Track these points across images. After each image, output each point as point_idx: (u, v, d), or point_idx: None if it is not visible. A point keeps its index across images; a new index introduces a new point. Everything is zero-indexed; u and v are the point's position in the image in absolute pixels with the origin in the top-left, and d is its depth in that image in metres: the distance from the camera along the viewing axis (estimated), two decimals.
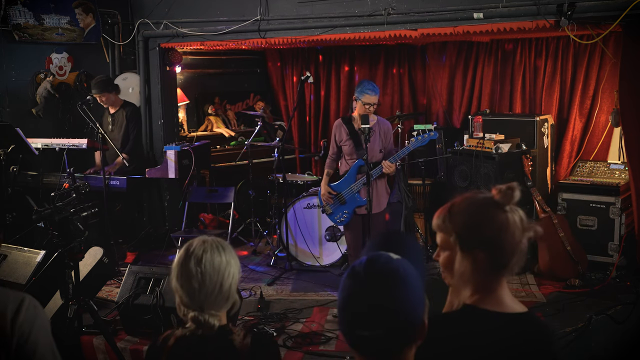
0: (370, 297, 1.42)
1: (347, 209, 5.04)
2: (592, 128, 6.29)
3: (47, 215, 3.55)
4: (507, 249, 1.71)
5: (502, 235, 1.71)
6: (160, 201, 7.05)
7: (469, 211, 1.75)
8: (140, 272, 4.55)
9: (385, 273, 1.45)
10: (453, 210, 1.77)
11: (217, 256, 2.09)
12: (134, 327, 4.47)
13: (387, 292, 1.42)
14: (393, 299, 1.42)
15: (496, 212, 1.72)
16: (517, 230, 1.72)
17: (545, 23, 4.85)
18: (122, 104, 6.56)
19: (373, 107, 4.88)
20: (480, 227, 1.72)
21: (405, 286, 1.44)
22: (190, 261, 2.07)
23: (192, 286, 2.05)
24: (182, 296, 2.08)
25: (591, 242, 5.67)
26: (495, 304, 1.75)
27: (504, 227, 1.71)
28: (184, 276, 2.07)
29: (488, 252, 1.72)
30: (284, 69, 8.20)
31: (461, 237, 1.73)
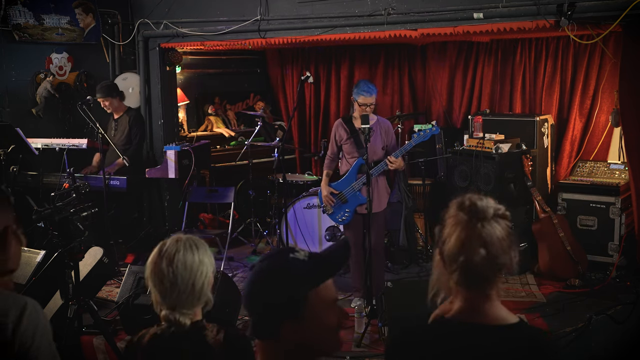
0: (249, 283, 1.54)
1: (349, 208, 5.05)
2: (592, 128, 6.29)
3: (47, 215, 3.55)
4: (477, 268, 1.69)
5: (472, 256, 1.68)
6: (160, 201, 7.05)
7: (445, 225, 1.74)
8: (140, 272, 4.54)
9: (267, 266, 1.54)
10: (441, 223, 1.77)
11: (189, 255, 2.08)
12: (134, 327, 4.44)
13: (257, 281, 1.53)
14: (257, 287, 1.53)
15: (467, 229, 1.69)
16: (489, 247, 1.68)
17: (545, 23, 4.85)
18: (126, 110, 6.56)
19: (370, 107, 4.89)
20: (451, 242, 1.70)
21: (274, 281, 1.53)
22: (162, 261, 2.07)
23: (164, 286, 2.06)
24: (156, 295, 2.09)
25: (591, 242, 5.67)
26: (478, 316, 1.72)
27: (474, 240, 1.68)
28: (156, 276, 2.07)
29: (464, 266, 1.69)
30: (284, 69, 8.20)
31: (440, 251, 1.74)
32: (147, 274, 2.12)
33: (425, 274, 5.89)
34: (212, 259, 2.16)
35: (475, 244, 1.66)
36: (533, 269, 5.76)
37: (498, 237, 1.68)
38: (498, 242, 1.67)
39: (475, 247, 1.66)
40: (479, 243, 1.66)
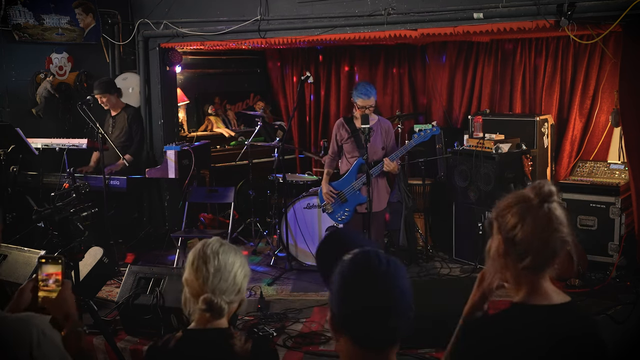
0: (395, 288, 1.51)
1: (349, 207, 5.05)
2: (592, 128, 6.29)
3: (47, 215, 3.55)
4: (550, 249, 1.78)
5: (548, 237, 1.76)
6: (160, 201, 7.05)
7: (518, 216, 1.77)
8: (140, 272, 4.55)
9: (394, 265, 1.54)
10: (500, 215, 1.81)
11: (232, 254, 2.15)
12: (134, 327, 4.47)
13: (405, 282, 1.53)
14: (407, 288, 1.53)
15: (539, 214, 1.75)
16: (561, 228, 1.77)
17: (545, 23, 4.85)
18: (124, 107, 6.56)
19: (369, 109, 4.89)
20: (528, 233, 1.75)
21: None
22: (208, 249, 2.12)
23: (207, 270, 2.08)
24: (194, 284, 2.09)
25: (591, 242, 5.67)
26: (543, 298, 1.79)
27: (547, 229, 1.75)
28: (201, 260, 2.10)
29: (535, 254, 1.76)
30: (284, 69, 8.20)
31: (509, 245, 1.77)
32: (188, 263, 2.14)
33: (425, 274, 5.89)
34: (249, 268, 2.22)
35: (552, 226, 1.75)
36: None
37: (565, 217, 1.79)
38: (566, 221, 1.79)
39: (552, 229, 1.75)
40: (554, 225, 1.76)
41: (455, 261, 6.20)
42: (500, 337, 1.74)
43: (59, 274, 1.93)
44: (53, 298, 1.89)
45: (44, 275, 1.91)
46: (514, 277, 1.79)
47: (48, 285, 1.91)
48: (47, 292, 1.89)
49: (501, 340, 1.73)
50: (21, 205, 5.66)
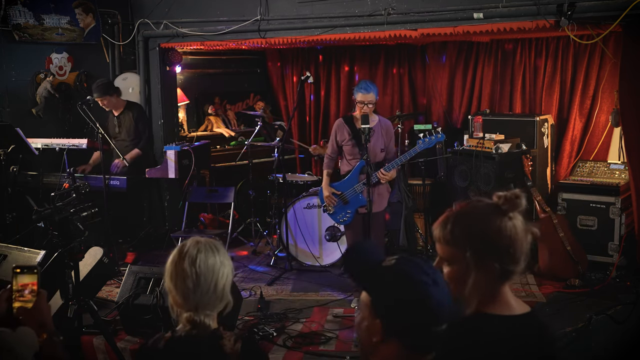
0: (443, 293, 1.56)
1: (350, 209, 5.04)
2: (592, 128, 6.29)
3: (47, 215, 3.55)
4: (518, 256, 1.74)
5: (513, 245, 1.73)
6: (160, 201, 7.05)
7: (480, 223, 1.75)
8: (140, 272, 4.55)
9: (439, 275, 1.60)
10: (461, 222, 1.77)
11: (211, 256, 2.09)
12: (134, 327, 4.47)
13: (446, 289, 1.58)
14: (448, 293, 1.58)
15: (504, 222, 1.73)
16: (523, 236, 1.75)
17: (545, 23, 4.85)
18: (126, 105, 6.52)
19: (368, 106, 4.86)
20: (493, 239, 1.73)
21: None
22: (185, 261, 2.07)
23: (186, 286, 2.05)
24: (176, 297, 2.09)
25: (591, 242, 5.67)
26: (505, 308, 1.78)
27: (513, 236, 1.73)
28: (178, 276, 2.07)
29: (502, 262, 1.74)
30: (284, 69, 8.20)
31: (476, 252, 1.73)
32: (167, 275, 2.11)
33: None
34: (230, 261, 2.17)
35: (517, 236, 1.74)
36: (533, 269, 5.76)
37: (525, 228, 1.78)
38: (526, 232, 1.77)
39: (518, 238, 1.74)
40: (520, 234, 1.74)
41: None
42: (470, 348, 1.72)
43: (34, 284, 1.92)
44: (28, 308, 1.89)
45: (19, 286, 1.91)
46: (476, 286, 1.75)
47: (24, 296, 1.90)
48: (23, 303, 1.89)
49: (471, 351, 1.72)
50: (21, 205, 5.66)
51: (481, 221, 1.75)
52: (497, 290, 1.77)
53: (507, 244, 1.72)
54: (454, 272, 1.78)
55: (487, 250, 1.73)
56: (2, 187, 5.65)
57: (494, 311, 1.76)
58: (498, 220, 1.73)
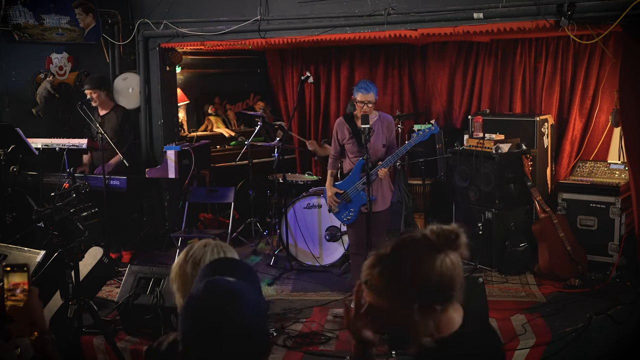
0: (216, 318, 1.52)
1: (353, 207, 5.04)
2: (592, 128, 6.29)
3: (47, 215, 3.55)
4: (458, 292, 1.67)
5: (454, 282, 1.65)
6: (160, 201, 7.05)
7: (418, 273, 1.62)
8: (140, 272, 4.55)
9: (225, 294, 1.56)
10: (395, 272, 1.64)
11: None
12: (134, 327, 4.47)
13: (231, 312, 1.53)
14: (237, 317, 1.53)
15: (443, 262, 1.62)
16: (460, 268, 1.66)
17: (545, 23, 4.85)
18: (113, 107, 6.47)
19: (367, 105, 4.87)
20: (434, 286, 1.62)
21: (246, 304, 1.55)
22: (188, 264, 2.05)
23: (188, 290, 2.01)
24: (180, 299, 2.07)
25: (591, 242, 5.67)
26: (453, 324, 1.71)
27: (454, 274, 1.64)
28: (182, 279, 2.06)
29: (443, 303, 1.66)
30: (284, 69, 8.20)
31: (419, 301, 1.62)
32: (172, 276, 2.09)
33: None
34: None
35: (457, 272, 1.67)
36: (533, 269, 5.76)
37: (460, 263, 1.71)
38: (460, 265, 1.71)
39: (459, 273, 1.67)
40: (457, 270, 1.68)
41: None
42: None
43: (25, 283, 1.92)
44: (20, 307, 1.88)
45: (10, 285, 1.91)
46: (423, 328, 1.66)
47: (15, 295, 1.90)
48: (14, 302, 1.89)
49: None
50: (21, 205, 5.66)
51: (420, 267, 1.62)
52: (442, 318, 1.69)
53: (448, 285, 1.63)
54: (390, 321, 1.69)
55: (430, 298, 1.63)
56: (2, 187, 5.65)
57: (446, 332, 1.69)
58: (437, 262, 1.62)
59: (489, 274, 5.74)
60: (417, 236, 1.68)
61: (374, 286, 1.66)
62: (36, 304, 1.92)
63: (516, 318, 4.72)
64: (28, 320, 1.88)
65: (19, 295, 1.90)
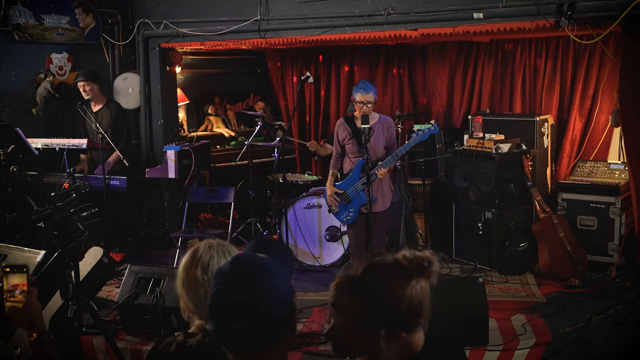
0: (236, 291, 1.53)
1: (353, 208, 5.04)
2: (592, 128, 6.29)
3: (47, 215, 3.55)
4: (424, 317, 1.64)
5: (422, 310, 1.63)
6: (160, 201, 7.05)
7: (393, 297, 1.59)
8: (140, 272, 4.55)
9: (248, 269, 1.57)
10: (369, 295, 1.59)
11: (224, 262, 2.01)
12: (134, 327, 4.47)
13: (251, 286, 1.54)
14: (256, 292, 1.53)
15: (412, 289, 1.60)
16: (429, 295, 1.64)
17: (545, 23, 4.85)
18: (106, 102, 6.44)
19: (367, 105, 4.86)
20: (403, 314, 1.59)
21: (268, 281, 1.55)
22: (197, 268, 2.01)
23: (198, 294, 1.99)
24: (188, 303, 2.03)
25: (591, 242, 5.67)
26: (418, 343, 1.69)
27: (422, 301, 1.62)
28: (190, 283, 2.01)
29: (410, 330, 1.63)
30: (284, 69, 8.20)
31: (387, 328, 1.59)
32: (179, 280, 2.05)
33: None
34: None
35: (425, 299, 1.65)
36: (533, 269, 5.76)
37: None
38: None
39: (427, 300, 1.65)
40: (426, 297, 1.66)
41: (455, 261, 6.20)
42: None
43: (24, 284, 1.91)
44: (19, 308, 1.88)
45: (10, 286, 1.90)
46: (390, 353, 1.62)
47: (14, 296, 1.90)
48: (14, 303, 1.88)
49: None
50: (21, 205, 5.66)
51: (392, 294, 1.58)
52: (407, 343, 1.65)
53: (416, 311, 1.60)
54: (354, 345, 1.64)
55: (398, 325, 1.60)
56: (2, 187, 5.65)
57: (408, 354, 1.65)
58: (408, 289, 1.58)
59: (489, 274, 5.74)
60: (389, 260, 1.63)
61: (340, 308, 1.61)
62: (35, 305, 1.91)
63: (516, 318, 4.72)
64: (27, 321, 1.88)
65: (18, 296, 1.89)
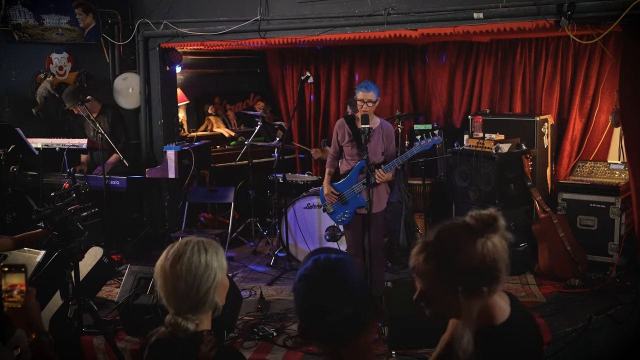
0: (327, 286, 1.63)
1: (349, 209, 5.04)
2: (592, 128, 6.29)
3: (47, 215, 3.55)
4: (502, 274, 1.73)
5: (497, 264, 1.71)
6: (160, 201, 7.06)
7: (462, 254, 1.70)
8: (140, 272, 4.55)
9: (331, 264, 1.66)
10: (440, 254, 1.72)
11: (196, 258, 2.01)
12: (134, 327, 4.47)
13: (339, 279, 1.65)
14: (344, 284, 1.64)
15: (484, 244, 1.69)
16: (503, 251, 1.72)
17: (545, 23, 4.85)
18: (101, 109, 6.39)
19: (368, 104, 4.86)
20: (478, 267, 1.69)
21: (349, 273, 1.66)
22: (167, 262, 2.03)
23: (167, 288, 2.02)
24: (161, 297, 2.06)
25: (591, 242, 5.67)
26: (503, 314, 1.77)
27: (496, 256, 1.70)
28: (161, 277, 2.04)
29: (490, 285, 1.72)
30: (284, 69, 8.20)
31: (464, 286, 1.70)
32: (155, 274, 2.09)
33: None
34: (222, 263, 2.08)
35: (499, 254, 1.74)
36: (533, 269, 5.76)
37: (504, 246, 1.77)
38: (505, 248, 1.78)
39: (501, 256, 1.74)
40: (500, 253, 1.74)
41: None
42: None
43: (22, 284, 1.91)
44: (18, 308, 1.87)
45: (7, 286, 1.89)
46: (471, 311, 1.74)
47: (12, 297, 1.89)
48: (12, 303, 1.88)
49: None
50: (21, 205, 5.66)
51: (462, 251, 1.69)
52: (490, 304, 1.76)
53: (491, 267, 1.69)
54: (440, 306, 1.76)
55: (475, 280, 1.70)
56: (2, 187, 5.65)
57: (496, 321, 1.75)
58: (478, 245, 1.69)
59: None
60: (457, 222, 1.76)
61: (420, 272, 1.75)
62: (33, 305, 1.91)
63: None
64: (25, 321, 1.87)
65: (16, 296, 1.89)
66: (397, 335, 4.18)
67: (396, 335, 4.18)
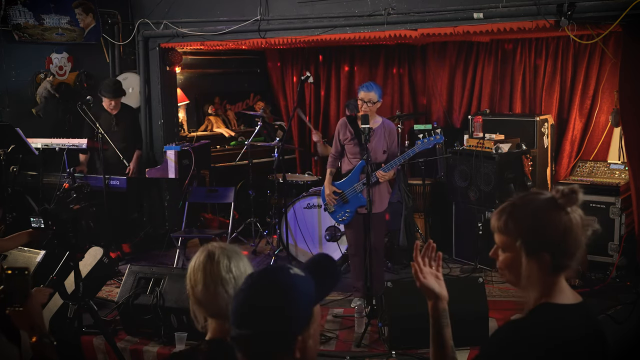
0: (249, 297, 1.52)
1: (350, 208, 5.04)
2: (592, 128, 6.30)
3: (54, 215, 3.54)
4: (571, 250, 1.78)
5: (567, 238, 1.76)
6: (160, 201, 7.05)
7: (534, 215, 1.78)
8: (140, 272, 4.55)
9: (272, 280, 1.53)
10: (516, 213, 1.81)
11: (240, 263, 2.03)
12: (134, 327, 4.47)
13: (264, 296, 1.51)
14: (268, 302, 1.50)
15: (560, 215, 1.77)
16: (579, 231, 1.78)
17: (545, 23, 4.85)
18: (122, 107, 6.50)
19: (368, 104, 4.87)
20: (546, 230, 1.77)
21: (285, 298, 1.51)
22: (220, 266, 1.98)
23: (225, 293, 1.96)
24: (211, 305, 1.97)
25: (591, 242, 5.65)
26: (564, 297, 1.81)
27: (568, 230, 1.76)
28: (213, 283, 1.97)
29: (553, 254, 1.77)
30: (284, 69, 8.20)
31: (527, 242, 1.77)
32: (199, 282, 2.00)
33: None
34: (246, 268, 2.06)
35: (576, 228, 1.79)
36: None
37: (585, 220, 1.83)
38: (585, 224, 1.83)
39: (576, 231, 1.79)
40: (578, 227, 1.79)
41: (455, 261, 6.20)
42: (539, 337, 1.74)
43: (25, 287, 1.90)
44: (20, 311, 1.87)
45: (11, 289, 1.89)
46: (530, 276, 1.80)
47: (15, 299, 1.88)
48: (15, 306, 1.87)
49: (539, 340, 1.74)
50: (21, 205, 5.66)
51: (534, 213, 1.78)
52: (553, 281, 1.80)
53: (559, 237, 1.75)
54: (507, 259, 1.83)
55: (538, 241, 1.76)
56: (2, 187, 5.65)
57: (555, 300, 1.79)
58: (552, 214, 1.76)
59: (489, 274, 5.73)
60: (543, 193, 1.83)
61: (498, 228, 1.82)
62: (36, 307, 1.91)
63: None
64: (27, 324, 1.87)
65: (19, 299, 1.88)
66: (397, 335, 4.18)
67: (396, 335, 4.18)
